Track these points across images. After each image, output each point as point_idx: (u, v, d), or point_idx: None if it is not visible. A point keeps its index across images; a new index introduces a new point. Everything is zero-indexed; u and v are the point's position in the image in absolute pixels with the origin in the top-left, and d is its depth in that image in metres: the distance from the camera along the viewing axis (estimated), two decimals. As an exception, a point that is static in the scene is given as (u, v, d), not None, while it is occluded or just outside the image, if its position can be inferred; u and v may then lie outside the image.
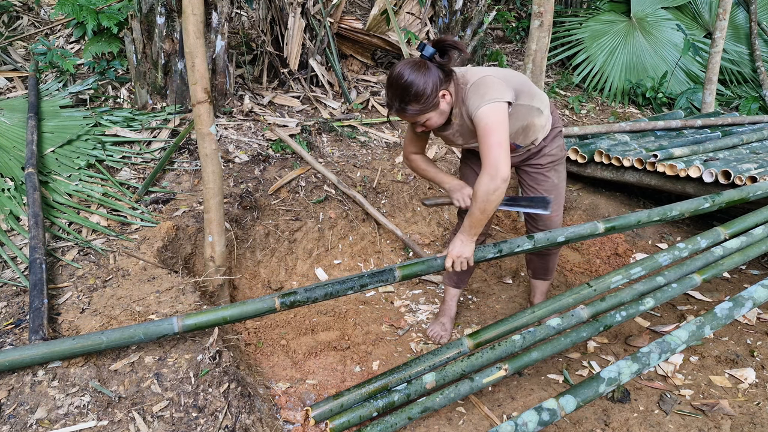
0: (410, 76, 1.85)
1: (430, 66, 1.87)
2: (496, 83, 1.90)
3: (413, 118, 1.94)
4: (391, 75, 1.89)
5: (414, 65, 1.87)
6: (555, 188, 2.31)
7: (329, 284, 2.02)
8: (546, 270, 2.62)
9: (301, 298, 1.97)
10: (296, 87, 4.27)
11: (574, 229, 2.25)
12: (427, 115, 1.93)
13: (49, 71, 3.79)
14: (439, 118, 1.97)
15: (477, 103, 1.88)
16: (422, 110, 1.90)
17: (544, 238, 2.20)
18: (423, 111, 1.90)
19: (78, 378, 1.74)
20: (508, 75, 2.05)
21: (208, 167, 2.32)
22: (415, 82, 1.84)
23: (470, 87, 1.92)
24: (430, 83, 1.86)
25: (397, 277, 2.06)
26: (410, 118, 1.94)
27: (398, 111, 1.92)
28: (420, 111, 1.90)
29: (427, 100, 1.87)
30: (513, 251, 2.17)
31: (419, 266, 2.09)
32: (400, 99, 1.88)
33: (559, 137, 2.28)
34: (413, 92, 1.85)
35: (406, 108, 1.89)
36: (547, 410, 1.78)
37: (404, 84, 1.85)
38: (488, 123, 1.85)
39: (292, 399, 2.15)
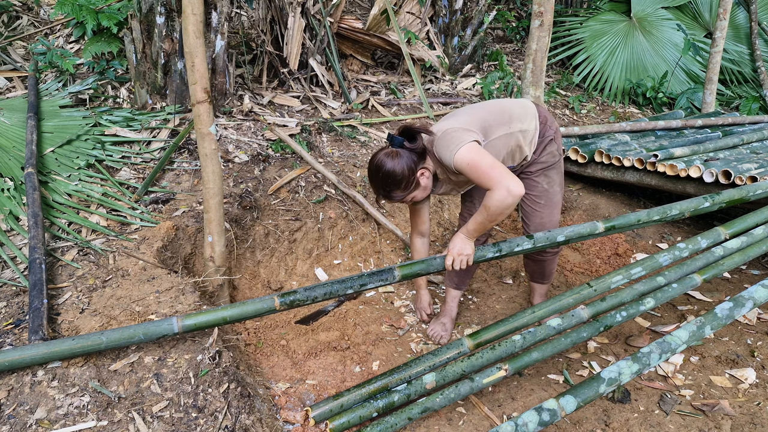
0: (387, 166, 2.02)
1: (402, 153, 2.03)
2: (454, 133, 1.99)
3: (400, 201, 2.13)
4: (371, 168, 2.08)
5: (388, 156, 2.03)
6: (545, 193, 2.33)
7: (329, 284, 2.02)
8: (543, 274, 2.62)
9: (301, 297, 1.97)
10: (296, 87, 4.27)
11: (574, 229, 2.25)
12: (411, 195, 2.11)
13: (49, 71, 3.79)
14: (423, 193, 2.14)
15: (448, 155, 1.98)
16: (405, 193, 2.08)
17: (544, 237, 2.20)
18: (406, 194, 2.09)
19: (78, 378, 1.74)
20: (471, 116, 2.10)
21: (207, 167, 2.32)
22: (394, 170, 2.02)
23: (436, 148, 2.03)
24: (406, 169, 2.02)
25: (397, 277, 2.06)
26: (397, 201, 2.12)
27: (385, 198, 2.11)
28: (403, 195, 2.09)
29: (408, 183, 2.05)
30: (513, 251, 2.17)
31: (419, 266, 2.09)
32: (383, 188, 2.07)
33: (551, 144, 2.28)
34: (393, 181, 2.03)
35: (391, 195, 2.08)
36: (548, 410, 1.78)
37: (383, 175, 2.03)
38: (468, 161, 1.92)
39: (292, 399, 2.14)
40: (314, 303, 2.01)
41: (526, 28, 6.18)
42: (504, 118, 2.13)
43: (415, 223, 2.45)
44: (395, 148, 2.05)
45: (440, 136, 2.01)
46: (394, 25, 3.98)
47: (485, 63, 5.51)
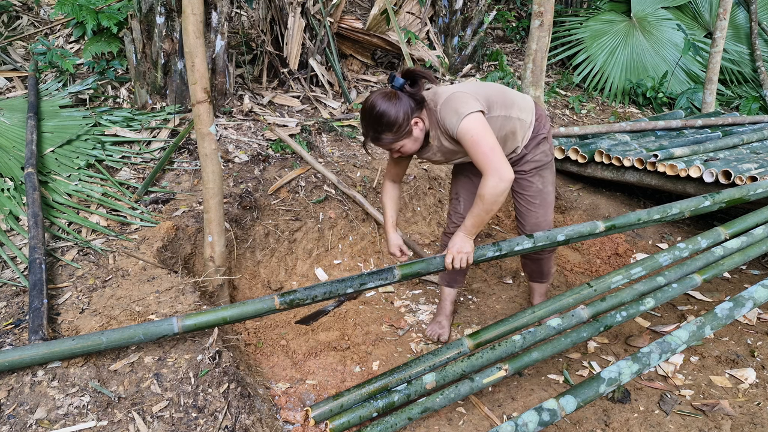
0: (382, 106, 1.93)
1: (401, 96, 1.95)
2: (465, 97, 1.95)
3: (388, 146, 2.02)
4: (365, 106, 1.97)
5: (386, 96, 1.95)
6: (540, 193, 2.32)
7: (329, 284, 2.02)
8: (541, 273, 2.62)
9: (301, 296, 1.97)
10: (296, 87, 4.27)
11: (574, 228, 2.25)
12: (401, 142, 2.01)
13: (49, 71, 3.78)
14: (413, 145, 2.05)
15: (454, 121, 1.93)
16: (396, 138, 1.98)
17: (544, 236, 2.20)
18: (396, 139, 1.99)
19: (78, 378, 1.74)
20: (478, 88, 2.08)
21: (207, 167, 2.32)
22: (388, 112, 1.93)
23: (441, 107, 1.98)
24: (401, 112, 1.94)
25: (396, 276, 2.06)
26: (385, 146, 2.02)
27: (373, 140, 2.00)
28: (394, 139, 1.98)
29: (400, 128, 1.96)
30: (513, 250, 2.17)
31: (419, 265, 2.09)
32: (374, 129, 1.97)
33: (544, 143, 2.26)
34: (386, 122, 1.93)
35: (380, 137, 1.98)
36: (548, 410, 1.78)
37: (377, 114, 1.93)
38: (473, 134, 1.90)
39: (292, 399, 2.14)
40: (314, 302, 2.01)
41: (526, 28, 6.18)
42: (507, 101, 2.12)
43: (391, 172, 2.33)
44: (395, 89, 1.97)
45: (448, 97, 1.96)
46: (394, 25, 3.98)
47: (485, 63, 5.51)
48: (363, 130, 2.03)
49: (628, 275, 2.29)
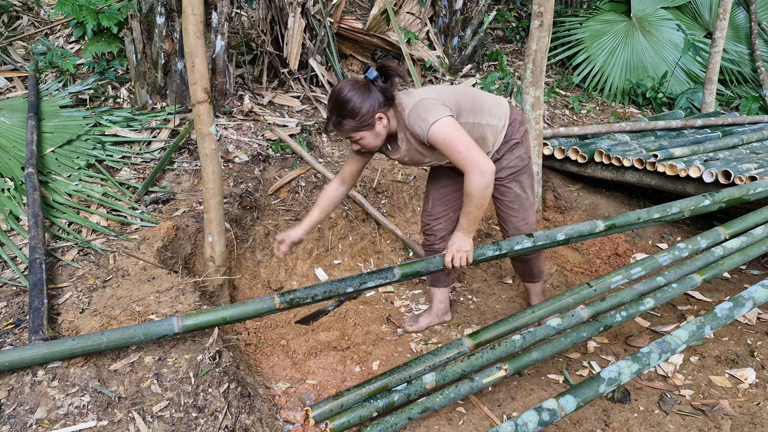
0: (350, 93, 1.94)
1: (372, 88, 1.96)
2: (432, 103, 1.97)
3: (347, 134, 2.01)
4: (333, 90, 1.99)
5: (356, 84, 1.96)
6: (518, 198, 2.33)
7: (329, 283, 2.02)
8: (531, 274, 2.63)
9: (301, 295, 1.97)
10: (296, 87, 4.27)
11: (574, 228, 2.25)
12: (362, 133, 2.00)
13: (49, 71, 3.79)
14: (373, 140, 2.04)
15: (423, 127, 1.95)
16: (357, 127, 1.98)
17: (544, 236, 2.21)
18: (357, 128, 1.98)
19: (78, 378, 1.74)
20: (448, 93, 2.08)
21: (208, 167, 2.32)
22: (354, 99, 1.94)
23: (409, 113, 1.99)
24: (367, 103, 1.94)
25: (396, 276, 2.07)
26: (345, 132, 2.01)
27: (335, 124, 2.00)
28: (354, 127, 1.98)
29: (363, 118, 1.95)
30: (513, 249, 2.17)
31: (419, 265, 2.10)
32: (337, 113, 1.97)
33: (518, 148, 2.25)
34: (350, 108, 1.94)
35: (342, 122, 1.97)
36: (547, 410, 1.78)
37: (343, 99, 1.94)
38: (446, 137, 1.93)
39: (292, 399, 2.15)
40: (314, 302, 2.01)
41: (526, 28, 6.18)
42: (476, 107, 2.12)
43: (345, 170, 2.27)
44: (368, 80, 1.98)
45: (416, 104, 1.98)
46: (394, 26, 3.98)
47: (485, 63, 5.51)
48: (327, 113, 2.03)
49: (627, 275, 2.29)
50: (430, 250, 2.58)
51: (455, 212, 2.48)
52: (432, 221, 2.51)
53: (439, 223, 2.50)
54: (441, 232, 2.51)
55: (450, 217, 2.49)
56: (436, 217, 2.49)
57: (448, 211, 2.48)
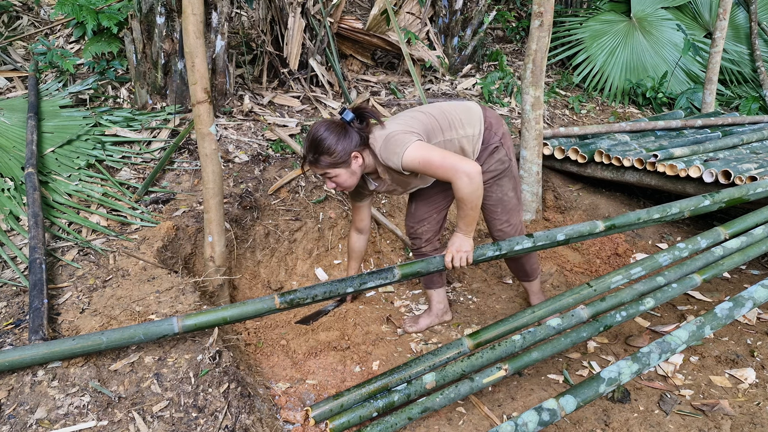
0: (326, 132, 2.02)
1: (348, 129, 2.04)
2: (399, 136, 2.01)
3: (323, 170, 2.06)
4: (311, 128, 2.06)
5: (332, 124, 2.05)
6: (500, 201, 2.35)
7: (329, 283, 2.02)
8: (525, 272, 2.64)
9: (302, 296, 1.97)
10: (296, 87, 4.27)
11: (574, 228, 2.25)
12: (337, 170, 2.06)
13: (49, 71, 3.79)
14: (348, 178, 2.10)
15: (396, 160, 2.01)
16: (332, 164, 2.04)
17: (544, 236, 2.21)
18: (333, 165, 2.04)
19: (78, 378, 1.74)
20: (414, 119, 2.12)
21: (208, 167, 2.32)
22: (330, 138, 2.01)
23: (380, 152, 2.05)
24: (344, 142, 2.02)
25: (397, 276, 2.07)
26: (321, 169, 2.06)
27: (311, 162, 2.07)
28: (330, 164, 2.03)
29: (338, 155, 2.02)
30: (513, 249, 2.17)
31: (419, 265, 2.10)
32: (314, 150, 2.03)
33: (498, 152, 2.26)
34: (326, 145, 2.01)
35: (318, 159, 2.03)
36: (547, 410, 1.78)
37: (319, 137, 2.02)
38: (420, 159, 1.97)
39: (292, 399, 2.15)
40: (314, 302, 2.02)
41: (526, 28, 6.18)
42: (446, 123, 2.15)
43: (355, 219, 2.53)
44: (344, 122, 2.06)
45: (384, 140, 2.03)
46: (394, 26, 3.99)
47: (485, 63, 5.51)
48: (303, 151, 2.09)
49: (627, 275, 2.29)
50: (418, 253, 2.59)
51: (438, 213, 2.52)
52: (416, 224, 2.52)
53: (423, 225, 2.51)
54: (426, 234, 2.53)
55: (434, 219, 2.51)
56: (420, 220, 2.51)
57: (432, 212, 2.50)
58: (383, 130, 2.07)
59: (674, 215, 2.40)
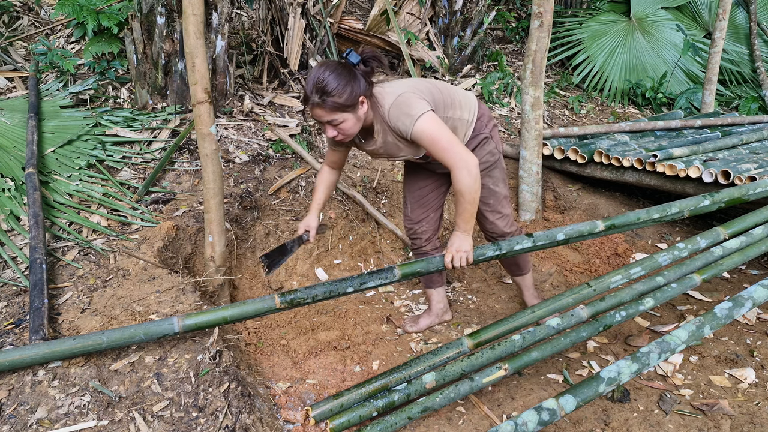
0: (336, 71, 1.83)
1: (355, 71, 1.87)
2: (413, 98, 1.93)
3: (330, 114, 1.86)
4: (315, 68, 1.86)
5: (340, 65, 1.86)
6: (492, 193, 2.34)
7: (329, 283, 2.02)
8: (518, 266, 2.64)
9: (302, 295, 1.98)
10: (296, 87, 4.27)
11: (574, 228, 2.25)
12: (345, 115, 1.87)
13: (50, 71, 3.79)
14: (354, 125, 1.92)
15: (407, 123, 1.90)
16: (340, 107, 1.84)
17: (544, 236, 2.21)
18: (341, 108, 1.85)
19: (78, 378, 1.74)
20: (423, 86, 2.05)
21: (208, 167, 2.33)
22: (340, 77, 1.82)
23: (391, 109, 1.93)
24: (353, 82, 1.84)
25: (397, 276, 2.07)
26: (326, 114, 1.86)
27: (315, 105, 1.84)
28: (338, 107, 1.84)
29: (347, 98, 1.83)
30: (512, 249, 2.17)
31: (419, 265, 2.10)
32: (321, 91, 1.82)
33: (488, 143, 2.25)
34: (335, 86, 1.81)
35: (326, 100, 1.82)
36: (547, 410, 1.78)
37: (328, 76, 1.81)
38: (430, 133, 1.90)
39: (292, 399, 2.15)
40: (314, 301, 2.02)
41: (525, 28, 6.18)
42: (448, 100, 2.11)
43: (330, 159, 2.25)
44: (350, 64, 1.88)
45: (396, 99, 1.92)
46: (394, 26, 3.99)
47: (485, 63, 5.52)
48: (306, 93, 1.86)
49: (627, 275, 2.30)
50: (418, 253, 2.59)
51: (435, 212, 2.51)
52: (414, 225, 2.52)
53: (422, 225, 2.51)
54: (425, 234, 2.53)
55: (431, 218, 2.51)
56: (418, 221, 2.51)
57: (428, 212, 2.49)
58: (392, 87, 1.97)
59: (674, 215, 2.41)
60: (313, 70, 1.87)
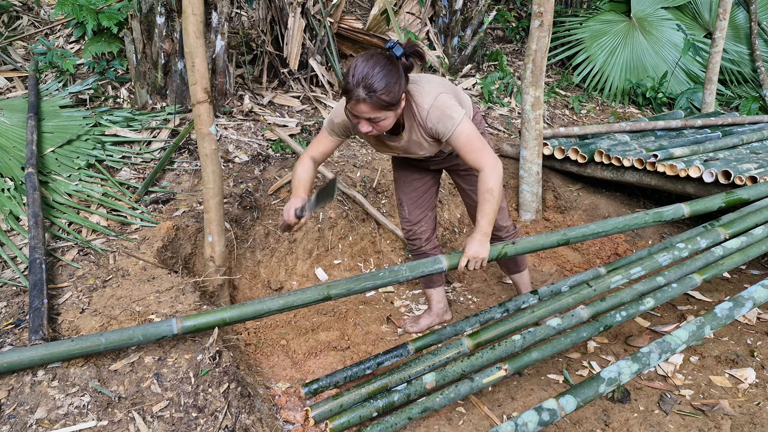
0: (385, 68, 1.72)
1: (399, 66, 1.79)
2: (451, 101, 1.93)
3: (374, 112, 1.76)
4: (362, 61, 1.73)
5: (388, 58, 1.76)
6: None
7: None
8: (515, 262, 2.65)
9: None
10: (296, 87, 4.27)
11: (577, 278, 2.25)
12: (387, 113, 1.79)
13: (49, 71, 3.79)
14: (391, 122, 1.85)
15: (449, 125, 1.91)
16: (387, 105, 1.75)
17: (548, 291, 2.19)
18: (387, 106, 1.76)
19: (78, 378, 1.74)
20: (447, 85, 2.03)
21: (208, 167, 2.32)
22: (390, 75, 1.73)
23: (431, 110, 1.90)
24: (399, 80, 1.77)
25: (410, 352, 2.17)
26: (371, 109, 1.75)
27: (362, 100, 1.72)
28: (385, 105, 1.75)
29: (394, 96, 1.76)
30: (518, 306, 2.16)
31: (431, 337, 2.17)
32: (368, 87, 1.70)
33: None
34: (385, 84, 1.72)
35: (373, 97, 1.71)
36: (547, 410, 1.78)
37: (378, 73, 1.71)
38: (467, 135, 1.91)
39: (292, 399, 2.15)
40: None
41: (525, 28, 6.18)
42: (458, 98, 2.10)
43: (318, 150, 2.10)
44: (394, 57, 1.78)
45: (435, 101, 1.89)
46: (394, 26, 3.98)
47: (485, 63, 5.51)
48: (349, 86, 1.73)
49: (627, 275, 2.29)
50: (418, 254, 2.58)
51: (432, 211, 2.52)
52: (413, 227, 2.51)
53: (421, 226, 2.51)
54: (425, 234, 2.53)
55: (429, 217, 2.51)
56: (416, 222, 2.50)
57: (426, 211, 2.50)
58: (426, 85, 1.93)
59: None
60: (359, 63, 1.74)
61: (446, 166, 2.39)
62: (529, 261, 3.35)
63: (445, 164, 2.37)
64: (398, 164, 2.44)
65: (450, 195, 3.69)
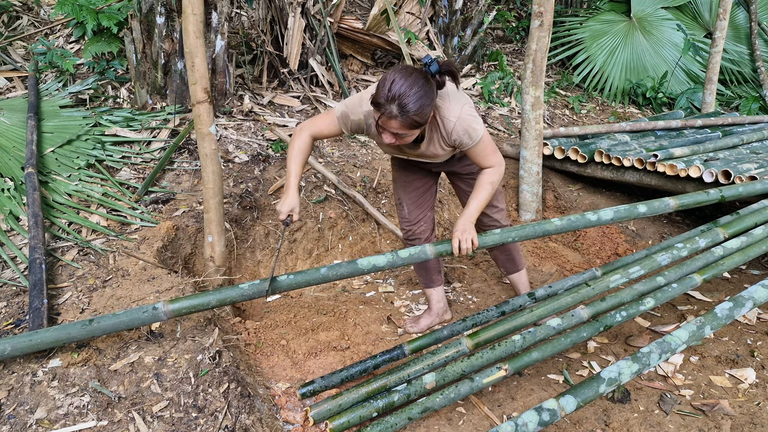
0: (422, 88, 1.74)
1: (432, 84, 1.80)
2: (471, 113, 1.99)
3: (404, 129, 1.78)
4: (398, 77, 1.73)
5: (423, 77, 1.76)
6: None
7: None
8: (513, 261, 2.66)
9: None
10: (296, 87, 4.27)
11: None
12: (416, 132, 1.83)
13: (49, 71, 3.79)
14: (415, 136, 1.88)
15: (474, 137, 2.00)
16: (417, 125, 1.79)
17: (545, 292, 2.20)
18: (417, 125, 1.79)
19: (78, 378, 1.74)
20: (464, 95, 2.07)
21: (207, 167, 2.32)
22: (425, 96, 1.74)
23: (457, 123, 1.95)
24: (432, 100, 1.79)
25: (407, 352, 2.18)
26: (401, 127, 1.77)
27: (394, 117, 1.74)
28: (416, 125, 1.78)
29: (426, 117, 1.79)
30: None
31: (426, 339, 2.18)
32: (402, 106, 1.72)
33: None
34: (420, 106, 1.74)
35: (405, 116, 1.73)
36: (548, 410, 1.78)
37: (414, 94, 1.72)
38: (484, 146, 2.04)
39: (292, 399, 2.14)
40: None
41: (526, 28, 6.18)
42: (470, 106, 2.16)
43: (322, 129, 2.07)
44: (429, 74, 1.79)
45: (461, 114, 1.94)
46: (394, 25, 3.98)
47: (485, 63, 5.51)
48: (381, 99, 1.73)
49: (627, 275, 2.29)
50: None
51: (431, 211, 2.54)
52: (413, 226, 2.53)
53: (420, 225, 2.53)
54: (424, 234, 2.55)
55: (428, 217, 2.54)
56: (416, 221, 2.52)
57: (426, 211, 2.52)
58: (449, 99, 1.95)
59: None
60: (396, 78, 1.73)
61: (447, 169, 2.40)
62: (529, 261, 3.35)
63: (446, 167, 2.38)
64: (399, 165, 2.45)
65: (450, 195, 3.69)
